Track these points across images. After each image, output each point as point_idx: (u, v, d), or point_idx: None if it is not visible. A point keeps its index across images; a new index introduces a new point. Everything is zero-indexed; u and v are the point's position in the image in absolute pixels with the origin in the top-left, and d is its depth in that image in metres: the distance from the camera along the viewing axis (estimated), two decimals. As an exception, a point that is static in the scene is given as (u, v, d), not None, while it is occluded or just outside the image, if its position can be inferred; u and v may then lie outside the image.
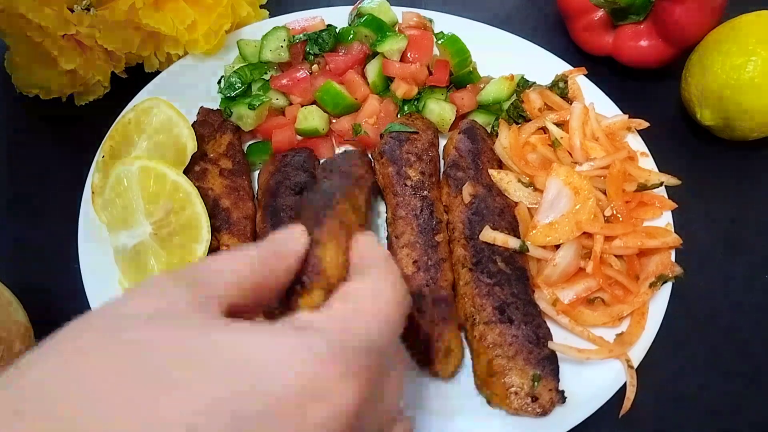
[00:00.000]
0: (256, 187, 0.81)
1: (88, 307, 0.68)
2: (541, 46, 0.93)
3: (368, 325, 0.39)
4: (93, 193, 0.75)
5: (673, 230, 0.76)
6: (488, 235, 0.71)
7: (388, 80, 0.87)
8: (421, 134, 0.80)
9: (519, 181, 0.78)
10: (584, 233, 0.72)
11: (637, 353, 0.69)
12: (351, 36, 0.87)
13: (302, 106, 0.85)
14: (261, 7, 0.95)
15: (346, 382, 0.34)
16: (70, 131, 0.88)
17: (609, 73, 0.94)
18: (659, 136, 0.86)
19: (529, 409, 0.64)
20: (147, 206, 0.70)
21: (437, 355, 0.66)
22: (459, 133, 0.81)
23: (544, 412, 0.64)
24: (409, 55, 0.86)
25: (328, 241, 0.46)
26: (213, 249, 0.70)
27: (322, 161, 0.82)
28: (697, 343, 0.75)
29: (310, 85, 0.85)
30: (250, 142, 0.86)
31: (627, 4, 0.91)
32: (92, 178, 0.77)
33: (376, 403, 0.37)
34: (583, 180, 0.74)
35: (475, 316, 0.68)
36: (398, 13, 0.92)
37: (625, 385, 0.68)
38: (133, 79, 0.88)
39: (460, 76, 0.86)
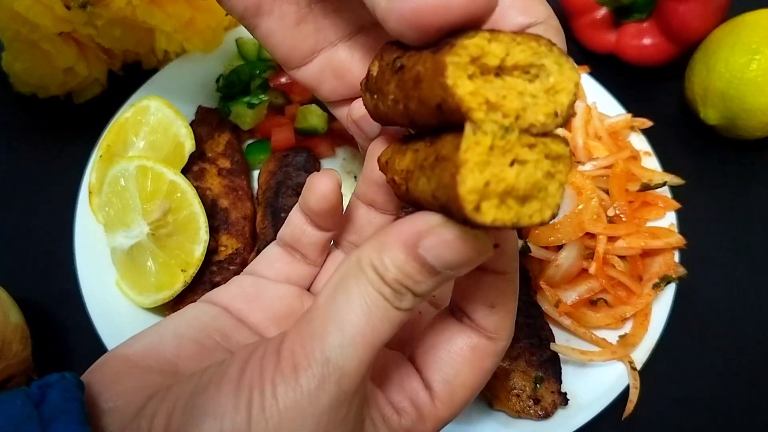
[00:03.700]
0: (255, 187, 0.80)
1: (85, 308, 0.67)
2: (543, 44, 0.92)
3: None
4: (90, 192, 0.75)
5: (676, 230, 0.76)
6: (490, 235, 0.70)
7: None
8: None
9: (521, 180, 0.77)
10: (587, 234, 0.71)
11: (641, 355, 0.69)
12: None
13: (301, 104, 0.84)
14: (260, 4, 0.95)
15: None
16: (68, 130, 0.88)
17: (612, 71, 0.93)
18: (663, 136, 0.85)
19: (531, 411, 0.63)
20: (144, 206, 0.69)
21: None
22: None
23: (547, 415, 0.63)
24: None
25: None
26: (211, 250, 0.69)
27: None
28: (700, 345, 0.75)
29: (309, 84, 0.84)
30: (249, 142, 0.85)
31: (630, 3, 0.90)
32: (89, 177, 0.76)
33: None
34: (585, 180, 0.73)
35: (476, 317, 0.67)
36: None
37: (627, 387, 0.67)
38: (130, 77, 0.87)
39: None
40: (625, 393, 0.67)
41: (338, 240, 0.46)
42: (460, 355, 0.38)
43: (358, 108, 0.43)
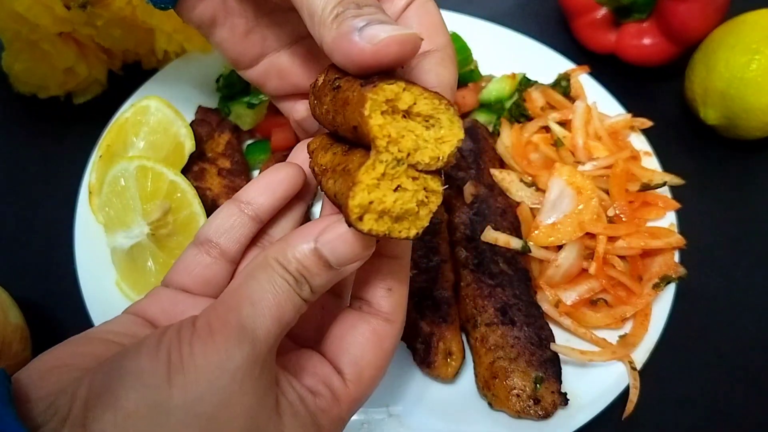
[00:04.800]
0: (255, 187, 0.80)
1: (85, 309, 0.67)
2: (544, 44, 0.92)
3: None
4: (90, 192, 0.75)
5: (676, 230, 0.76)
6: (490, 235, 0.70)
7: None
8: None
9: (521, 180, 0.77)
10: (587, 234, 0.71)
11: (641, 355, 0.69)
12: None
13: (301, 104, 0.84)
14: (260, 4, 0.94)
15: None
16: (68, 130, 0.88)
17: (612, 71, 0.93)
18: (663, 136, 0.85)
19: (531, 411, 0.63)
20: (144, 206, 0.69)
21: (438, 357, 0.65)
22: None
23: (547, 415, 0.63)
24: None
25: None
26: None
27: None
28: (700, 345, 0.74)
29: (309, 84, 0.84)
30: (249, 142, 0.85)
31: (630, 3, 0.90)
32: (89, 177, 0.76)
33: None
34: (585, 180, 0.73)
35: (476, 317, 0.67)
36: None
37: (628, 387, 0.67)
38: (130, 77, 0.87)
39: (461, 75, 0.86)
40: (625, 393, 0.67)
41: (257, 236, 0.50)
42: (363, 338, 0.43)
43: (300, 110, 0.52)
